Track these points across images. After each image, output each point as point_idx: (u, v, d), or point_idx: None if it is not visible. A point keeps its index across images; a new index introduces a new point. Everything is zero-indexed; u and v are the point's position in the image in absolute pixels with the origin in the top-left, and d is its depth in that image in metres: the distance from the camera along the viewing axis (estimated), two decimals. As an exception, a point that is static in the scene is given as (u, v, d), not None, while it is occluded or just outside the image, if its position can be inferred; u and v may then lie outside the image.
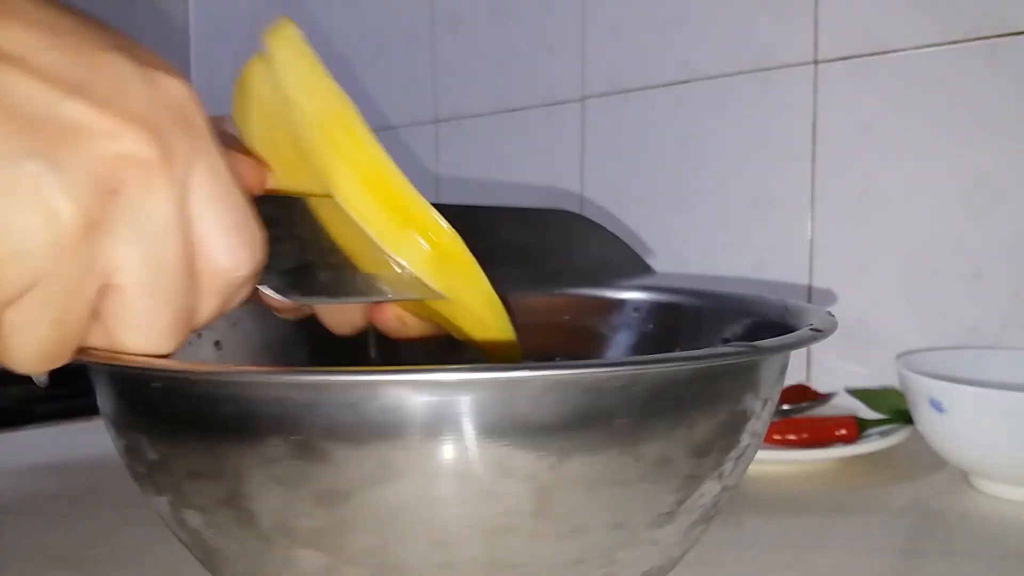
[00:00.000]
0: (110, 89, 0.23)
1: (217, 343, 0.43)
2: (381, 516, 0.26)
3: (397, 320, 0.38)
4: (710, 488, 0.30)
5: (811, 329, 0.33)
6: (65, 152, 0.22)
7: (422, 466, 0.25)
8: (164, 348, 0.25)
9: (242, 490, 0.27)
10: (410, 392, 0.25)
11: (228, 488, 0.27)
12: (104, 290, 0.24)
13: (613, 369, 0.26)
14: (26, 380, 0.87)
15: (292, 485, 0.26)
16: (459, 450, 0.25)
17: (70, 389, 0.84)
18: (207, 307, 0.27)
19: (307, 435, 0.25)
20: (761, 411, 0.32)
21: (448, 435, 0.25)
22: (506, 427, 0.25)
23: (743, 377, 0.30)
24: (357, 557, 0.27)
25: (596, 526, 0.27)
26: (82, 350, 0.26)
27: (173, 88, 0.24)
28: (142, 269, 0.24)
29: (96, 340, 0.25)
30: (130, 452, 0.31)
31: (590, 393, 0.26)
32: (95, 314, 0.24)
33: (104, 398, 0.32)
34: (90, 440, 0.65)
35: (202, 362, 0.42)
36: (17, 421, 0.70)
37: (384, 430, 0.25)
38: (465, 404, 0.25)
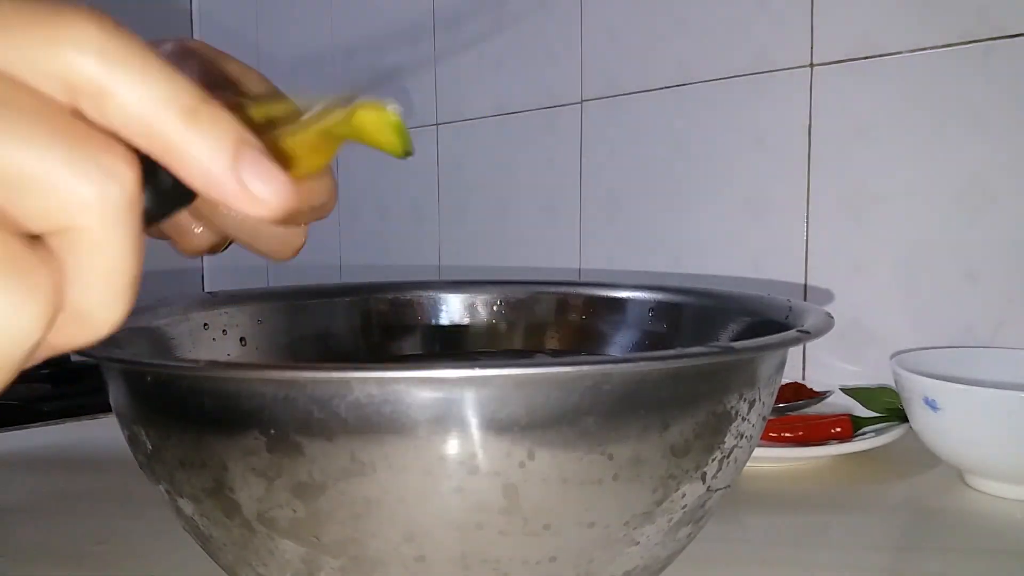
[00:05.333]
0: None
1: (242, 339, 0.44)
2: (354, 509, 0.26)
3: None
4: (692, 489, 0.30)
5: (799, 331, 0.33)
6: None
7: (392, 461, 0.26)
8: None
9: (226, 480, 0.28)
10: (378, 389, 0.25)
11: (213, 478, 0.28)
12: None
13: (580, 368, 0.26)
14: (31, 379, 0.87)
15: (270, 477, 0.27)
16: (428, 446, 0.26)
17: (75, 388, 0.85)
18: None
19: (282, 429, 0.26)
20: (748, 412, 0.31)
21: (418, 431, 0.25)
22: (474, 424, 0.26)
23: (722, 378, 0.30)
24: (333, 548, 0.27)
25: (569, 524, 0.28)
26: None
27: None
28: None
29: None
30: (132, 443, 0.32)
31: (558, 392, 0.26)
32: None
33: (111, 392, 0.33)
34: (95, 438, 0.66)
35: (226, 358, 0.44)
36: (23, 419, 0.71)
37: (355, 425, 0.25)
38: (432, 402, 0.25)
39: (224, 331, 0.44)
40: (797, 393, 0.66)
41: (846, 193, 0.70)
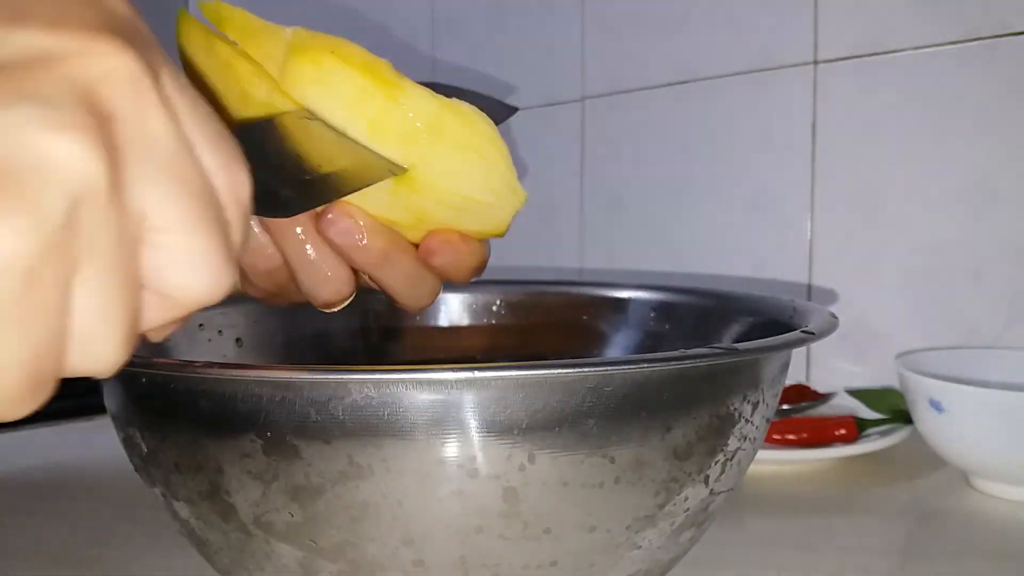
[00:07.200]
0: (50, 9, 0.18)
1: (239, 340, 0.44)
2: (352, 513, 0.26)
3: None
4: (695, 492, 0.29)
5: (803, 331, 0.32)
6: (40, 85, 0.17)
7: (390, 464, 0.25)
8: (227, 281, 0.21)
9: (222, 484, 0.27)
10: (375, 391, 0.25)
11: (209, 481, 0.28)
12: (140, 244, 0.19)
13: (582, 370, 0.26)
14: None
15: (267, 480, 0.26)
16: (427, 449, 0.25)
17: (70, 389, 0.84)
18: (237, 232, 0.22)
19: (279, 431, 0.26)
20: (752, 414, 0.31)
21: (416, 434, 0.25)
22: (474, 427, 0.25)
23: (725, 379, 0.29)
24: (330, 553, 0.27)
25: (570, 528, 0.27)
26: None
27: (113, 1, 0.20)
28: (178, 199, 0.19)
29: (152, 310, 0.20)
30: (127, 445, 0.32)
31: (559, 394, 0.26)
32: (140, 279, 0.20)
33: (106, 393, 0.33)
34: (90, 440, 0.65)
35: (221, 358, 0.43)
36: (18, 421, 0.70)
37: (352, 428, 0.25)
38: (430, 404, 0.25)
39: (220, 331, 0.44)
40: (801, 395, 0.66)
41: (851, 192, 0.70)
